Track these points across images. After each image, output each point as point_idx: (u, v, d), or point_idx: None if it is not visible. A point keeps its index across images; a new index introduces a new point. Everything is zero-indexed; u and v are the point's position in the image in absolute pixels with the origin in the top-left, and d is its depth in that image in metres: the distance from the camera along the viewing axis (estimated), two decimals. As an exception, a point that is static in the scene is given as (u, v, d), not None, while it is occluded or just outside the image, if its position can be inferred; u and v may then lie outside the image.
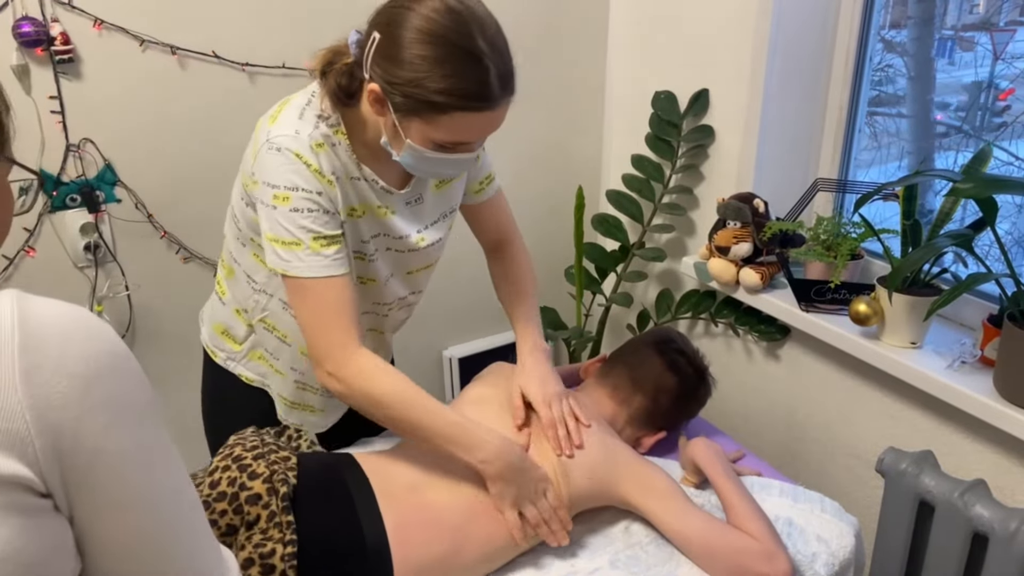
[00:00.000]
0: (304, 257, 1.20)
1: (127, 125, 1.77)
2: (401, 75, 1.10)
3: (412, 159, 1.20)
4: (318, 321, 1.23)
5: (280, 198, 1.19)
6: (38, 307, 0.58)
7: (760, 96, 1.90)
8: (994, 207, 1.43)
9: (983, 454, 1.59)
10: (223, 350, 1.50)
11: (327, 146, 1.22)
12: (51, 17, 1.64)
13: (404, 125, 1.16)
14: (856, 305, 1.63)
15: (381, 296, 1.42)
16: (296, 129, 1.20)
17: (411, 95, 1.11)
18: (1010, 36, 1.74)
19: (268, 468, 1.19)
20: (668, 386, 1.52)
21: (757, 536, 1.24)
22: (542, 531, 1.27)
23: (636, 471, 1.34)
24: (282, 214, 1.19)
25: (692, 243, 2.21)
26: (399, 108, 1.14)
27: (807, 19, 1.88)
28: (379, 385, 1.23)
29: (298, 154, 1.19)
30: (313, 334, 1.24)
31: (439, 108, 1.12)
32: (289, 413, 1.50)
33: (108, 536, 0.62)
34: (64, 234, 1.78)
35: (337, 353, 1.22)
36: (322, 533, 1.16)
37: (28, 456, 0.56)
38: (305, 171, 1.19)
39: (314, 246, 1.20)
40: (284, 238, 1.20)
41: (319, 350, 1.24)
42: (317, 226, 1.20)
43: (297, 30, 1.89)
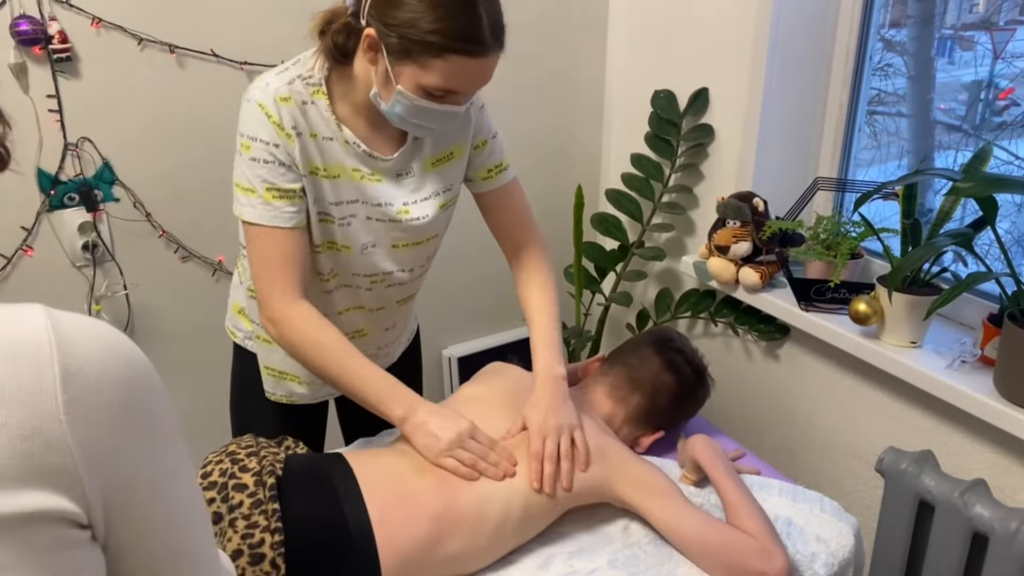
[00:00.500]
0: (256, 204, 1.27)
1: (125, 124, 1.77)
2: (398, 16, 1.15)
3: (401, 108, 1.23)
4: (264, 268, 1.30)
5: (244, 146, 1.27)
6: (72, 329, 0.55)
7: (760, 95, 1.89)
8: (994, 206, 1.43)
9: (983, 454, 1.59)
10: (240, 329, 1.54)
11: (294, 101, 1.26)
12: (49, 15, 1.63)
13: (396, 70, 1.20)
14: (856, 304, 1.63)
15: (359, 267, 1.41)
16: (267, 82, 1.27)
17: (406, 36, 1.16)
18: (1010, 35, 1.74)
19: (259, 464, 1.22)
20: (666, 385, 1.52)
21: (755, 534, 1.24)
22: (482, 468, 1.27)
23: (632, 469, 1.33)
24: (244, 161, 1.27)
25: (692, 242, 2.21)
26: (393, 51, 1.18)
27: (807, 18, 1.88)
28: (310, 333, 1.30)
29: (261, 104, 1.25)
30: (258, 279, 1.32)
31: (433, 49, 1.16)
32: (276, 386, 1.52)
33: (135, 557, 0.61)
34: (62, 233, 1.78)
35: (277, 299, 1.30)
36: (305, 520, 1.17)
37: (75, 491, 0.54)
38: (266, 122, 1.25)
39: (266, 196, 1.27)
40: (243, 183, 1.28)
41: (262, 295, 1.31)
42: (272, 177, 1.26)
43: (295, 29, 1.88)
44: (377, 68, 1.22)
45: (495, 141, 1.47)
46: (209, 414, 2.07)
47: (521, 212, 1.53)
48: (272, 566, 1.10)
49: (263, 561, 1.10)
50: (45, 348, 0.53)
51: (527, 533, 1.31)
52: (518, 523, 1.27)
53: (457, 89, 1.21)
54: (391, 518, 1.20)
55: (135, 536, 0.60)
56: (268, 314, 1.31)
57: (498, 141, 1.48)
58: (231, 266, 1.98)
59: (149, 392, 0.59)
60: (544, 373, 1.41)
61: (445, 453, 1.27)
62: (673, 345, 1.57)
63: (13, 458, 0.51)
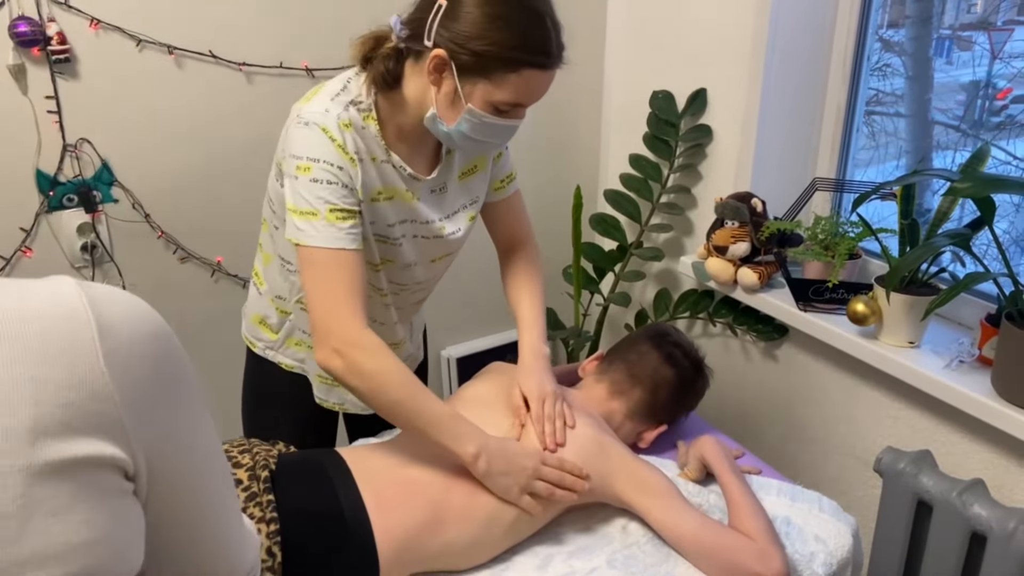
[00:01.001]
0: (320, 227, 1.22)
1: (124, 125, 1.77)
2: (472, 33, 1.15)
3: (468, 127, 1.24)
4: (327, 295, 1.23)
5: (302, 168, 1.23)
6: (102, 292, 0.60)
7: (758, 95, 1.90)
8: (992, 206, 1.43)
9: (981, 453, 1.59)
10: (261, 340, 1.53)
11: (354, 128, 1.26)
12: (47, 17, 1.64)
13: (467, 89, 1.20)
14: (854, 305, 1.63)
15: (400, 278, 1.45)
16: (326, 108, 1.25)
17: (482, 53, 1.16)
18: (1008, 35, 1.74)
19: (252, 459, 1.23)
20: (666, 379, 1.52)
21: (753, 535, 1.24)
22: (559, 496, 1.27)
23: (630, 468, 1.34)
24: (302, 184, 1.23)
25: (690, 243, 2.21)
26: (465, 69, 1.18)
27: (805, 19, 1.88)
28: (382, 364, 1.22)
29: (324, 128, 1.23)
30: (321, 308, 1.23)
31: (510, 64, 1.17)
32: (329, 392, 1.51)
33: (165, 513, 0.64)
34: (61, 234, 1.78)
35: (347, 327, 1.22)
36: (301, 508, 1.18)
37: (121, 439, 0.57)
38: (329, 145, 1.23)
39: (330, 217, 1.22)
40: (302, 208, 1.23)
41: (325, 324, 1.23)
42: (335, 198, 1.23)
43: (294, 30, 1.89)
44: (441, 89, 1.22)
45: (507, 152, 1.51)
46: (208, 415, 2.07)
47: (522, 218, 1.59)
48: (268, 554, 1.11)
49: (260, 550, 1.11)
50: (80, 308, 0.57)
51: (523, 529, 1.31)
52: (514, 516, 1.28)
53: (525, 102, 1.24)
54: (387, 504, 1.22)
55: (168, 489, 0.63)
56: (336, 344, 1.22)
57: (508, 151, 1.52)
58: (230, 267, 1.98)
59: (175, 349, 0.62)
60: (530, 349, 1.46)
61: (525, 490, 1.26)
62: (670, 339, 1.57)
63: (63, 407, 0.54)
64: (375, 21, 1.95)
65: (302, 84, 1.92)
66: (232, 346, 1.98)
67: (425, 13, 1.20)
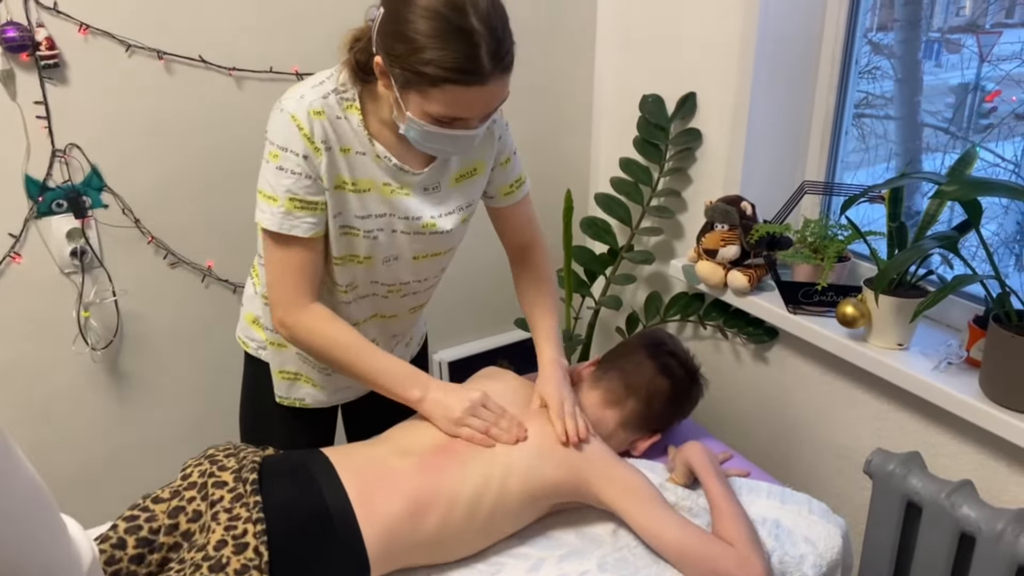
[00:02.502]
0: (276, 213, 1.29)
1: (113, 130, 1.77)
2: (398, 48, 1.17)
3: (415, 133, 1.25)
4: (280, 274, 1.34)
5: (272, 155, 1.28)
6: None
7: (747, 99, 1.90)
8: (979, 209, 1.44)
9: (969, 455, 1.60)
10: (254, 339, 1.54)
11: (327, 116, 1.28)
12: (36, 22, 1.63)
13: (404, 98, 1.22)
14: (843, 307, 1.63)
15: (380, 277, 1.44)
16: (302, 94, 1.28)
17: (406, 67, 1.17)
18: (996, 38, 1.75)
19: (238, 463, 1.25)
20: (661, 389, 1.53)
21: (736, 541, 1.24)
22: (494, 434, 1.35)
23: (614, 471, 1.34)
24: (270, 169, 1.29)
25: (680, 246, 2.22)
26: (398, 81, 1.20)
27: (793, 22, 1.89)
28: (325, 329, 1.35)
29: (294, 115, 1.26)
30: (272, 284, 1.35)
31: (431, 81, 1.17)
32: (290, 389, 1.53)
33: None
34: (50, 240, 1.77)
35: (290, 302, 1.34)
36: (286, 506, 1.20)
37: None
38: (297, 134, 1.26)
39: (288, 205, 1.29)
40: (266, 191, 1.30)
41: (275, 298, 1.36)
42: (297, 188, 1.28)
43: (283, 34, 1.89)
44: (390, 94, 1.24)
45: (516, 157, 1.52)
46: (197, 420, 2.07)
47: (532, 221, 1.61)
48: (255, 553, 1.12)
49: (247, 549, 1.12)
50: None
51: (505, 525, 1.32)
52: (491, 506, 1.29)
53: (461, 115, 1.22)
54: (369, 495, 1.23)
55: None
56: (280, 315, 1.35)
57: (518, 156, 1.52)
58: (220, 272, 1.98)
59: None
60: (549, 360, 1.51)
61: (460, 423, 1.35)
62: (666, 349, 1.57)
63: None
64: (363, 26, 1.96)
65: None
66: (224, 351, 1.98)
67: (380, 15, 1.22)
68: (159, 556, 1.14)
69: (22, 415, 1.85)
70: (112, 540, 1.13)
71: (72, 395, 1.90)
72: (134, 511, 1.18)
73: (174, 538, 1.16)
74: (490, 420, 1.36)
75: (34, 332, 1.81)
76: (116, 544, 1.13)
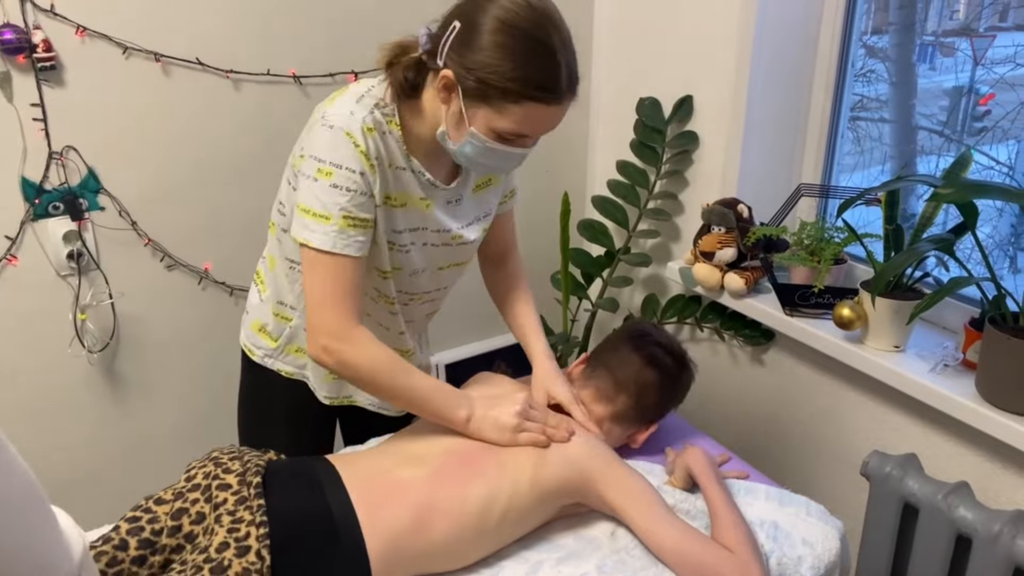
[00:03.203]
0: (329, 232, 1.25)
1: (110, 132, 1.77)
2: (478, 60, 1.17)
3: (471, 148, 1.25)
4: (325, 295, 1.28)
5: (324, 172, 1.24)
6: None
7: (744, 102, 1.91)
8: (974, 211, 1.45)
9: (966, 457, 1.60)
10: (260, 347, 1.53)
11: (377, 132, 1.27)
12: (33, 24, 1.63)
13: (470, 112, 1.22)
14: (840, 309, 1.64)
15: (406, 286, 1.46)
16: (351, 111, 1.26)
17: (485, 80, 1.17)
18: (990, 42, 1.76)
19: (242, 466, 1.24)
20: (650, 382, 1.52)
21: (733, 546, 1.24)
22: (550, 434, 1.36)
23: (618, 472, 1.35)
24: (321, 187, 1.24)
25: (677, 248, 2.22)
26: (469, 94, 1.20)
27: (790, 26, 1.89)
28: (369, 354, 1.30)
29: (349, 133, 1.24)
30: (317, 307, 1.29)
31: (510, 96, 1.18)
32: (340, 388, 1.53)
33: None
34: (47, 242, 1.77)
35: (339, 325, 1.28)
36: (289, 511, 1.19)
37: None
38: (354, 151, 1.24)
39: (342, 223, 1.25)
40: (316, 209, 1.25)
41: (320, 320, 1.29)
42: (352, 206, 1.25)
43: (281, 37, 1.89)
44: (450, 108, 1.24)
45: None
46: (194, 422, 2.06)
47: (513, 229, 1.64)
48: (257, 556, 1.11)
49: (249, 553, 1.12)
50: None
51: (513, 530, 1.32)
52: (499, 516, 1.28)
53: (529, 134, 1.24)
54: (375, 504, 1.23)
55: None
56: (325, 342, 1.28)
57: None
58: (218, 274, 1.98)
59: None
60: (545, 353, 1.55)
61: (518, 430, 1.34)
62: (651, 339, 1.56)
63: None
64: (362, 28, 1.96)
65: (289, 91, 1.93)
66: (221, 353, 1.98)
67: (443, 32, 1.22)
68: (161, 558, 1.14)
69: (19, 418, 1.85)
70: (114, 541, 1.13)
71: (69, 398, 1.89)
72: (136, 512, 1.17)
73: (177, 540, 1.15)
74: (541, 421, 1.37)
75: (31, 335, 1.81)
76: (118, 545, 1.12)
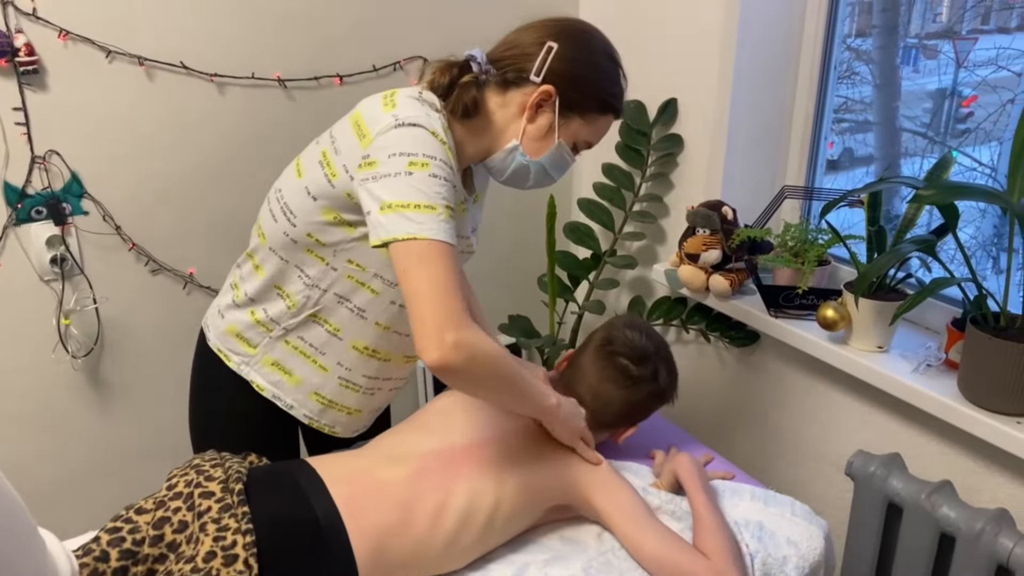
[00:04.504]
0: (440, 222, 1.19)
1: (94, 136, 1.76)
2: (581, 75, 1.32)
3: (549, 159, 1.37)
4: (443, 290, 1.18)
5: (419, 164, 1.20)
6: None
7: (727, 105, 1.92)
8: (956, 213, 1.46)
9: (949, 456, 1.61)
10: (237, 353, 1.47)
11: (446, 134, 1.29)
12: (15, 28, 1.62)
13: (563, 123, 1.34)
14: (824, 310, 1.65)
15: None
16: (427, 113, 1.26)
17: (586, 92, 1.32)
18: (972, 44, 1.77)
19: (224, 473, 1.23)
20: (614, 396, 1.48)
21: (711, 553, 1.24)
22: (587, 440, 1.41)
23: (603, 477, 1.36)
24: (420, 179, 1.19)
25: (663, 250, 2.23)
26: (569, 104, 1.32)
27: (772, 29, 1.90)
28: (492, 347, 1.22)
29: (434, 132, 1.23)
30: (440, 300, 1.18)
31: (604, 106, 1.35)
32: (322, 414, 1.48)
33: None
34: (30, 247, 1.76)
35: (460, 319, 1.18)
36: (275, 518, 1.19)
37: None
38: (442, 147, 1.23)
39: (446, 213, 1.20)
40: (419, 201, 1.18)
41: (445, 315, 1.17)
42: (450, 197, 1.22)
43: (266, 41, 1.88)
44: (536, 122, 1.33)
45: None
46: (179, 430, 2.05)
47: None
48: (245, 565, 1.11)
49: (236, 561, 1.11)
50: None
51: (499, 532, 1.32)
52: (485, 516, 1.28)
53: (594, 142, 1.40)
54: (359, 507, 1.22)
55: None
56: (454, 336, 1.16)
57: None
58: (202, 279, 1.97)
59: None
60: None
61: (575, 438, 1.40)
62: (611, 349, 1.50)
63: None
64: (347, 32, 1.96)
65: (274, 95, 1.92)
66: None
67: (528, 51, 1.31)
68: (144, 568, 1.13)
69: (1, 423, 1.84)
70: (95, 553, 1.12)
71: (52, 403, 1.88)
72: (116, 523, 1.16)
73: (159, 549, 1.14)
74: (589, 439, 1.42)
75: (13, 340, 1.80)
76: (99, 557, 1.11)
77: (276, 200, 1.38)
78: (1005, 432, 1.41)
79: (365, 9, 1.97)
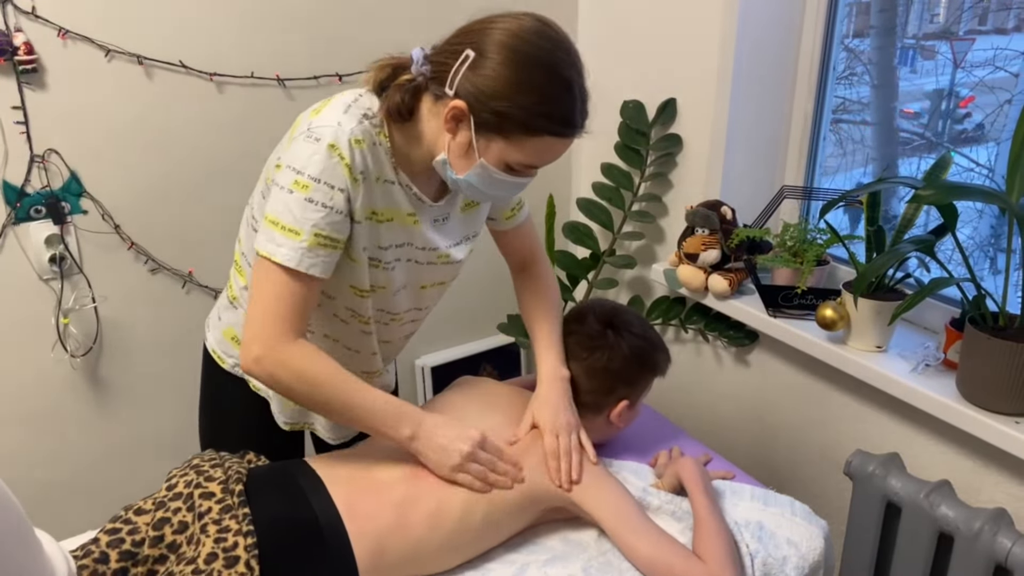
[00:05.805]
0: (296, 248, 1.18)
1: (93, 135, 1.76)
2: (496, 92, 1.13)
3: (477, 179, 1.22)
4: (273, 308, 1.20)
5: (300, 185, 1.17)
6: None
7: (726, 105, 1.92)
8: (954, 213, 1.46)
9: (947, 455, 1.62)
10: (232, 356, 1.47)
11: (365, 144, 1.21)
12: (14, 27, 1.62)
13: (482, 144, 1.18)
14: (823, 310, 1.65)
15: (385, 305, 1.41)
16: (339, 121, 1.19)
17: (503, 113, 1.14)
18: (969, 45, 1.78)
19: (224, 473, 1.23)
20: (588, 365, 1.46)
21: (709, 557, 1.23)
22: (492, 480, 1.28)
23: (597, 481, 1.35)
24: (296, 200, 1.17)
25: (662, 250, 2.23)
26: (484, 125, 1.16)
27: (771, 29, 1.91)
28: (313, 366, 1.22)
29: (333, 145, 1.17)
30: (260, 316, 1.21)
31: (529, 128, 1.15)
32: (302, 415, 1.49)
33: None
34: (29, 246, 1.76)
35: (274, 338, 1.20)
36: (276, 519, 1.19)
37: None
38: (337, 165, 1.17)
39: (311, 242, 1.18)
40: (286, 223, 1.18)
41: (258, 332, 1.21)
42: (325, 224, 1.19)
43: (265, 40, 1.88)
44: (455, 138, 1.20)
45: None
46: (178, 429, 2.05)
47: (535, 241, 1.60)
48: (247, 567, 1.11)
49: (238, 563, 1.11)
50: None
51: (496, 532, 1.32)
52: (482, 517, 1.28)
53: (539, 165, 1.23)
54: (358, 508, 1.22)
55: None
56: (258, 352, 1.20)
57: None
58: (201, 278, 1.97)
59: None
60: (550, 374, 1.44)
61: (458, 469, 1.27)
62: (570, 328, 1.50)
63: None
64: (347, 31, 1.96)
65: (273, 94, 1.92)
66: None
67: (451, 59, 1.17)
68: (143, 569, 1.13)
69: (0, 423, 1.83)
70: (95, 555, 1.11)
71: (51, 403, 1.88)
72: (116, 524, 1.16)
73: (159, 550, 1.14)
74: (487, 464, 1.29)
75: (12, 339, 1.79)
76: (98, 558, 1.11)
77: (248, 207, 1.38)
78: (1003, 432, 1.41)
79: (365, 8, 1.97)
